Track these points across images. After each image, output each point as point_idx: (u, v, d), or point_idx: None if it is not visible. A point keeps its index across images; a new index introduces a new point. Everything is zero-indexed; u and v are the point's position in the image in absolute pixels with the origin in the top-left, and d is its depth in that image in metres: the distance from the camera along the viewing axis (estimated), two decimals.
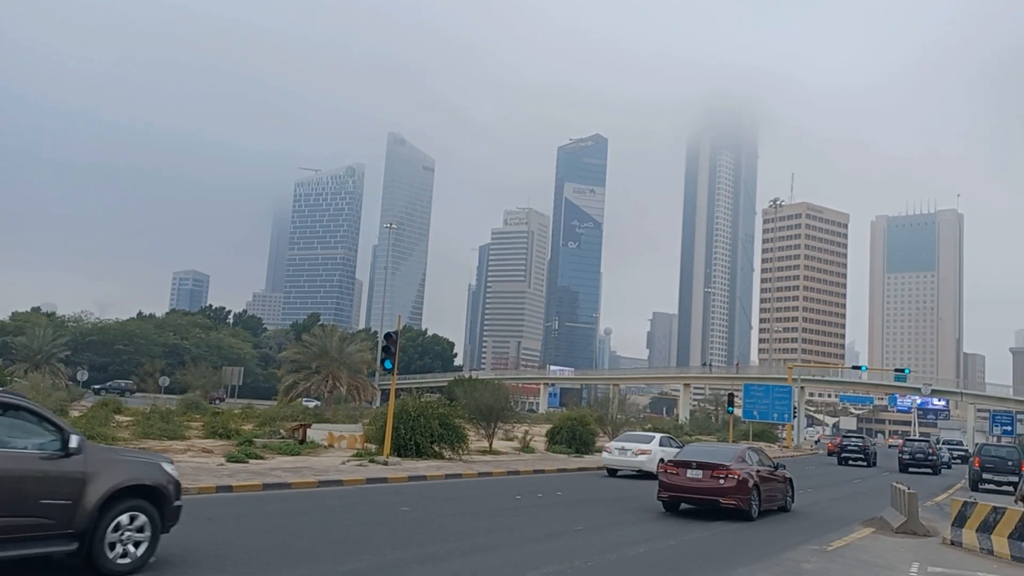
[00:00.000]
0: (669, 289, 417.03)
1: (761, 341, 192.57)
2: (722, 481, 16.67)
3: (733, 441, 52.68)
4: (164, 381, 62.23)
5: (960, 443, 77.11)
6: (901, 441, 67.66)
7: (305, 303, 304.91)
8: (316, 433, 29.86)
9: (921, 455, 44.89)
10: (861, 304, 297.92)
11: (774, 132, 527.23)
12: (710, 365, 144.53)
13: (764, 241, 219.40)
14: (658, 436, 29.35)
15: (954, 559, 13.68)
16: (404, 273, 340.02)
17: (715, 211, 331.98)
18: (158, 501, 8.61)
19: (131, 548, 8.30)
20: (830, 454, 56.65)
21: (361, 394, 54.24)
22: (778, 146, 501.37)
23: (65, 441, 7.86)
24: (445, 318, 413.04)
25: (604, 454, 28.37)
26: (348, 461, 23.88)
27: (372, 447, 27.69)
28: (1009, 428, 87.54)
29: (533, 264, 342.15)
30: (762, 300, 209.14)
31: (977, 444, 48.31)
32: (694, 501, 17.23)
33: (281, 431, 30.96)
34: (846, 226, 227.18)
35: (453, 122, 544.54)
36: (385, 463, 23.39)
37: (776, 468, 19.34)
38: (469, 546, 11.74)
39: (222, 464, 20.59)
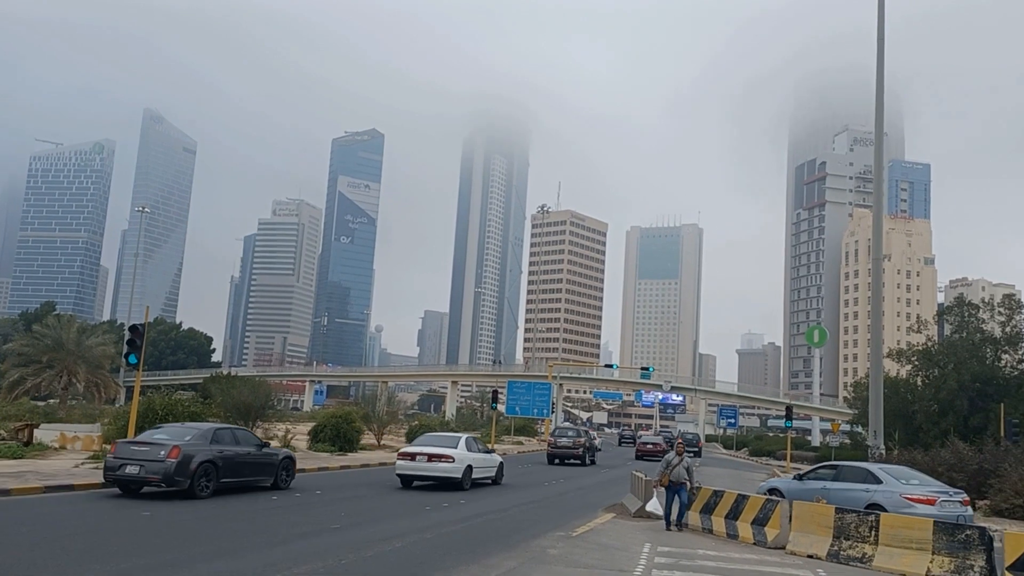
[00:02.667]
0: (441, 288, 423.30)
1: (526, 340, 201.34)
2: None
3: (496, 436, 54.58)
4: None
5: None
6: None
7: (39, 290, 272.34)
8: (46, 434, 26.90)
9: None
10: (616, 307, 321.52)
11: (545, 141, 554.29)
12: (499, 363, 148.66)
13: (532, 245, 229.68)
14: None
15: (681, 539, 15.15)
16: (158, 261, 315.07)
17: (488, 213, 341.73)
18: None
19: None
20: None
21: (102, 391, 49.51)
22: (548, 155, 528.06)
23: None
24: (204, 311, 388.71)
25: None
26: (83, 464, 21.72)
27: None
28: (733, 420, 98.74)
29: (303, 258, 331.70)
30: (528, 301, 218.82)
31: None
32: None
33: (2, 432, 27.45)
34: (605, 234, 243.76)
35: (218, 104, 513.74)
36: None
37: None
38: (214, 550, 11.11)
39: None
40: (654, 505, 17.87)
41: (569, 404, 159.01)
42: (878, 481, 17.74)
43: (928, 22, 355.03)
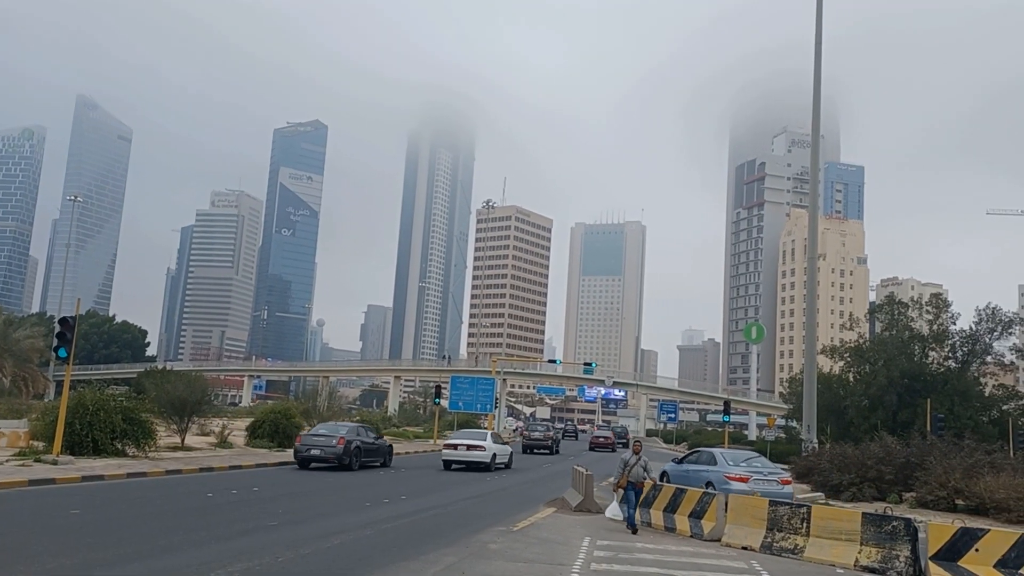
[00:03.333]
0: (385, 282, 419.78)
1: (470, 336, 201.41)
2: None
3: (439, 431, 54.45)
4: None
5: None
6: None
7: None
8: None
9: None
10: (560, 303, 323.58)
11: (492, 135, 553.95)
12: (448, 358, 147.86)
13: (477, 240, 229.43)
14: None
15: (620, 532, 15.34)
16: (91, 252, 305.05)
17: (433, 208, 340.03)
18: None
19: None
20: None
21: (30, 386, 47.76)
22: (495, 149, 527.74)
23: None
24: (138, 304, 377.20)
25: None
26: (7, 461, 20.94)
27: (40, 445, 24.54)
28: (673, 415, 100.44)
29: (242, 250, 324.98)
30: (473, 296, 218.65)
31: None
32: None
33: None
34: (550, 231, 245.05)
35: (156, 90, 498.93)
36: (55, 462, 20.82)
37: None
38: (149, 548, 10.83)
39: None
40: (614, 511, 16.27)
41: (512, 399, 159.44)
42: (715, 463, 21.59)
43: (862, 30, 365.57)
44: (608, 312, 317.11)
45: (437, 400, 54.43)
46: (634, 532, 15.15)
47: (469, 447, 30.02)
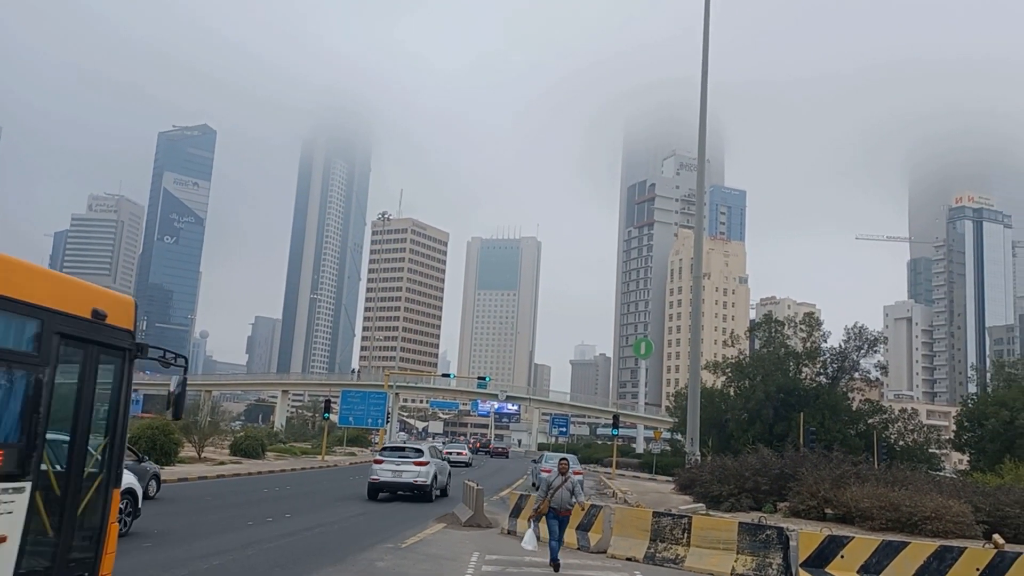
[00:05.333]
0: (275, 293, 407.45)
1: (363, 349, 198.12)
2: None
3: (327, 447, 53.26)
4: None
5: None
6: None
7: None
8: None
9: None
10: (455, 317, 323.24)
11: (388, 147, 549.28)
12: (357, 373, 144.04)
13: (372, 252, 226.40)
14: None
15: (509, 546, 15.41)
16: None
17: (326, 217, 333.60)
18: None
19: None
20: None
21: None
22: (391, 161, 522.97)
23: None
24: None
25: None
26: None
27: None
28: (564, 429, 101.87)
29: (121, 257, 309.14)
30: (366, 309, 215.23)
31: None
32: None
33: None
34: (446, 244, 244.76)
35: (29, 84, 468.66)
36: None
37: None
38: None
39: None
40: (530, 542, 13.24)
41: (405, 414, 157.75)
42: (540, 461, 30.30)
43: (745, 61, 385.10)
44: (503, 326, 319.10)
45: (327, 415, 53.27)
46: (556, 569, 12.69)
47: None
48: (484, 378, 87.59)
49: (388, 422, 67.25)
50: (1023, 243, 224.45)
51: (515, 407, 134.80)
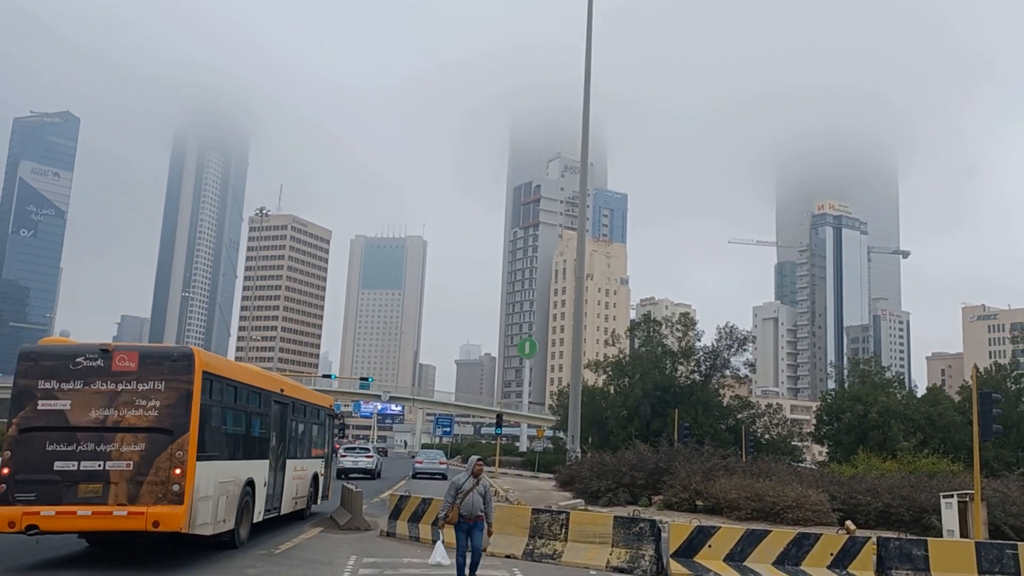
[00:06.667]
0: (144, 291, 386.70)
1: (239, 349, 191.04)
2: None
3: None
4: None
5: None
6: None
7: None
8: None
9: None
10: (338, 317, 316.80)
11: (268, 139, 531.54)
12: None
13: (249, 249, 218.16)
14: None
15: (388, 549, 15.19)
16: None
17: (200, 212, 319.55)
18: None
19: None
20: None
21: None
22: (270, 156, 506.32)
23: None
24: None
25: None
26: None
27: None
28: (448, 429, 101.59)
29: None
30: (243, 308, 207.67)
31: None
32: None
33: None
34: (328, 242, 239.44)
35: None
36: None
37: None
38: None
39: None
40: (440, 554, 12.33)
41: None
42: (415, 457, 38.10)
43: (629, 70, 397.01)
44: (387, 326, 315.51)
45: None
46: None
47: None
48: (367, 379, 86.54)
49: None
50: (878, 249, 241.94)
51: (399, 408, 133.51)
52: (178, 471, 11.20)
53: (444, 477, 41.44)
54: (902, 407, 46.85)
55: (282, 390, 17.24)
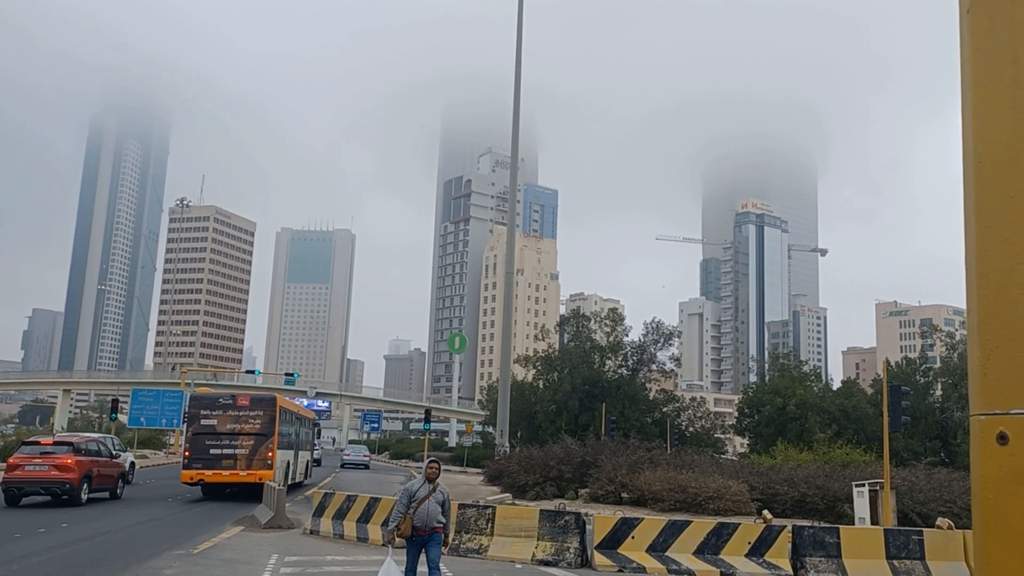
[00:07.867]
0: (56, 283, 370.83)
1: (158, 344, 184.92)
2: None
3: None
4: None
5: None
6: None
7: None
8: None
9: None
10: (263, 311, 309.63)
11: (190, 129, 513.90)
12: (175, 369, 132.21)
13: (169, 241, 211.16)
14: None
15: (311, 547, 14.92)
16: None
17: (117, 202, 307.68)
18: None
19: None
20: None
21: None
22: (191, 146, 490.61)
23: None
24: None
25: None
26: None
27: None
28: (376, 425, 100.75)
29: None
30: (163, 302, 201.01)
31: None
32: None
33: None
34: (253, 234, 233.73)
35: None
36: None
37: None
38: None
39: None
40: (389, 572, 9.68)
41: None
42: (344, 450, 43.58)
43: (560, 67, 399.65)
44: (314, 321, 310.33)
45: (114, 415, 49.31)
46: None
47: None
48: (292, 374, 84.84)
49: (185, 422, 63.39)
50: (797, 247, 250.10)
51: (326, 404, 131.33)
52: (270, 454, 23.51)
53: (367, 467, 52.47)
54: (819, 400, 48.55)
55: (299, 412, 29.94)
